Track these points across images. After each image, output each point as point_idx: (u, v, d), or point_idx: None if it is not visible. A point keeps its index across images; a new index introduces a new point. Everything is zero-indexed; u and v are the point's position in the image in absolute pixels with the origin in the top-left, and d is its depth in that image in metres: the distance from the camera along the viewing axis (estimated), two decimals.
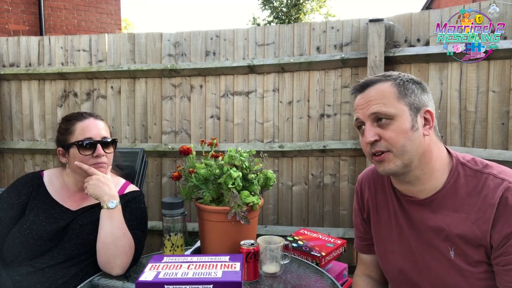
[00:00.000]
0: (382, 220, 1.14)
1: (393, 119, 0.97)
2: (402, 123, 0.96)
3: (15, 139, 3.27)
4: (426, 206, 1.02)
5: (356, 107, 1.05)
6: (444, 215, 0.99)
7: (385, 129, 0.97)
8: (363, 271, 1.27)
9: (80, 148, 1.33)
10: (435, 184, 1.01)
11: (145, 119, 3.05)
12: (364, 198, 1.21)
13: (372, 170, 1.20)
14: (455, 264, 0.97)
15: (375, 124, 0.99)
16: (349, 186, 2.77)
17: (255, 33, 2.88)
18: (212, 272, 0.97)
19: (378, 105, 0.98)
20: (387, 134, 0.97)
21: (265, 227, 2.87)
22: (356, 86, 1.06)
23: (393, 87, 0.99)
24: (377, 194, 1.16)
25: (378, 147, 0.99)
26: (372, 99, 1.00)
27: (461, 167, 1.01)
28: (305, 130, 2.83)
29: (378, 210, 1.16)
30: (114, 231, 1.26)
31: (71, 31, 7.14)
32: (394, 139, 0.96)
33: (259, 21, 18.43)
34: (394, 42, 2.61)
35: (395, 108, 0.97)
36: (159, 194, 3.06)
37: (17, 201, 1.34)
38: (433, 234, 1.01)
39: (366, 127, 1.00)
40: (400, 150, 0.97)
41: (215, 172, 1.26)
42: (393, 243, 1.10)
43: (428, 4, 15.51)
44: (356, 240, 1.29)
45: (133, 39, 3.05)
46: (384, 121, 0.97)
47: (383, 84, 1.01)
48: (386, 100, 0.98)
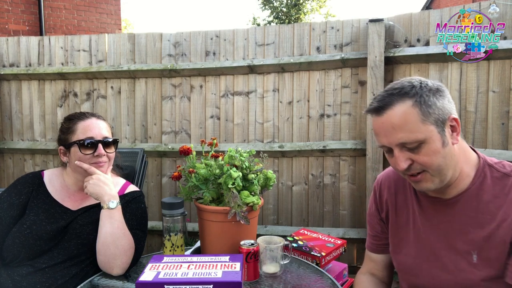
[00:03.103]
0: (400, 222, 1.12)
1: (423, 143, 0.92)
2: (432, 144, 0.92)
3: (15, 139, 3.27)
4: (450, 207, 1.00)
5: (377, 133, 0.99)
6: (468, 217, 0.97)
7: (417, 154, 0.93)
8: (369, 269, 1.25)
9: (82, 147, 1.34)
10: (460, 185, 0.99)
11: (145, 119, 3.05)
12: (383, 198, 1.18)
13: (392, 171, 1.18)
14: (476, 269, 0.94)
15: (404, 149, 0.94)
16: (349, 186, 2.77)
17: (255, 33, 2.88)
18: (212, 272, 0.97)
19: (404, 134, 0.92)
20: (420, 159, 0.93)
21: (265, 227, 2.87)
22: (370, 109, 0.99)
23: (415, 107, 0.92)
24: (397, 195, 1.14)
25: (413, 170, 0.95)
26: (395, 126, 0.93)
27: (488, 168, 0.99)
28: (305, 130, 2.83)
29: (396, 212, 1.14)
30: (114, 231, 1.26)
31: (71, 31, 7.14)
32: (428, 162, 0.93)
33: (259, 21, 18.43)
34: (394, 42, 2.62)
35: (422, 132, 0.91)
36: (159, 194, 3.06)
37: (17, 201, 1.34)
38: (456, 236, 0.98)
39: (396, 154, 0.95)
40: (436, 170, 0.93)
41: (215, 172, 1.26)
42: (410, 245, 1.08)
43: (428, 4, 15.51)
44: (369, 240, 1.26)
45: (133, 39, 3.05)
46: (413, 146, 0.93)
47: (402, 105, 0.93)
48: (411, 126, 0.91)
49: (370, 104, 1.00)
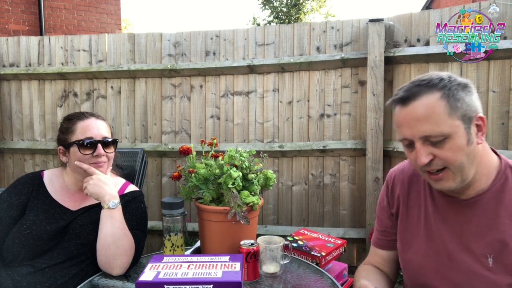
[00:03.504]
0: (411, 219, 1.09)
1: (447, 137, 0.88)
2: (457, 140, 0.89)
3: (15, 139, 3.27)
4: (468, 207, 0.97)
5: (400, 124, 0.95)
6: (487, 219, 0.94)
7: (440, 148, 0.89)
8: (372, 263, 1.21)
9: (81, 147, 1.33)
10: (479, 186, 0.96)
11: (145, 119, 3.05)
12: (395, 194, 1.14)
13: (407, 167, 1.14)
14: (490, 273, 0.91)
15: (427, 143, 0.91)
16: (349, 186, 2.77)
17: (255, 33, 2.88)
18: (212, 272, 0.97)
19: (429, 126, 0.89)
20: (443, 154, 0.89)
21: (265, 227, 2.87)
22: (395, 99, 0.95)
23: (442, 100, 0.89)
24: (410, 192, 1.10)
25: (434, 166, 0.91)
26: (420, 117, 0.90)
27: (510, 171, 0.96)
28: (305, 130, 2.83)
29: (408, 208, 1.10)
30: (115, 231, 1.26)
31: (71, 31, 7.14)
32: (451, 158, 0.89)
33: (259, 21, 18.43)
34: (394, 42, 2.61)
35: (448, 126, 0.88)
36: (159, 194, 3.06)
37: (17, 201, 1.34)
38: (472, 237, 0.95)
39: (417, 147, 0.91)
40: (458, 167, 0.90)
41: (215, 172, 1.26)
42: (420, 243, 1.05)
43: (428, 4, 15.51)
44: (376, 235, 1.22)
45: (133, 39, 3.05)
46: (437, 140, 0.89)
47: (429, 97, 0.90)
48: (438, 119, 0.88)
49: (395, 94, 0.96)
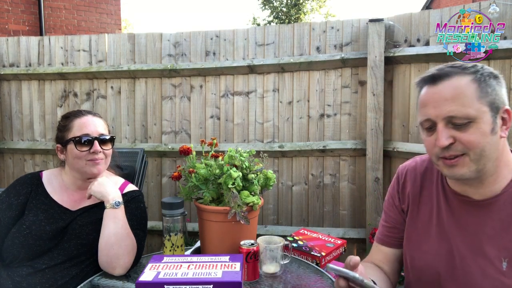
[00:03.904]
0: (422, 217, 1.06)
1: (472, 121, 0.86)
2: (482, 125, 0.86)
3: (15, 139, 3.27)
4: (483, 209, 0.94)
5: (425, 103, 0.92)
6: (502, 222, 0.91)
7: (463, 132, 0.87)
8: (373, 260, 1.17)
9: (77, 144, 1.33)
10: (495, 187, 0.93)
11: (145, 119, 3.05)
12: (406, 190, 1.11)
13: (418, 163, 1.12)
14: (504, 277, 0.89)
15: (449, 125, 0.88)
16: (349, 186, 2.77)
17: (255, 33, 2.88)
18: (212, 272, 0.96)
19: (456, 106, 0.86)
20: (465, 137, 0.86)
21: (265, 227, 2.87)
22: (425, 77, 0.93)
23: (473, 83, 0.87)
24: (422, 189, 1.07)
25: (452, 151, 0.88)
26: (448, 97, 0.88)
27: None
28: (305, 130, 2.83)
29: (419, 206, 1.07)
30: (118, 231, 1.26)
31: (71, 31, 7.14)
32: (473, 143, 0.86)
33: (259, 21, 18.44)
34: (394, 42, 2.61)
35: (475, 109, 0.86)
36: (159, 194, 3.06)
37: (16, 202, 1.34)
38: (486, 239, 0.93)
39: (439, 128, 0.89)
40: (478, 155, 0.87)
41: (215, 172, 1.26)
42: (431, 242, 1.02)
43: (428, 4, 15.51)
44: (382, 231, 1.17)
45: (133, 39, 3.05)
46: (461, 123, 0.87)
47: (460, 78, 0.88)
48: (466, 100, 0.86)
49: (425, 73, 0.94)
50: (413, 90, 2.56)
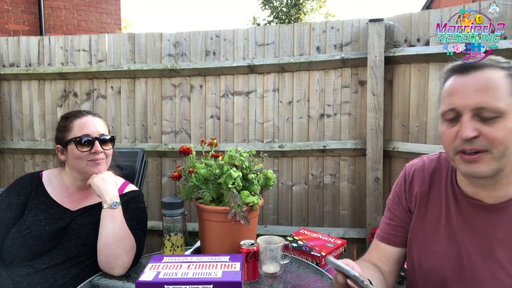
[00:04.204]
0: (430, 217, 1.03)
1: (501, 116, 0.83)
2: (509, 122, 0.83)
3: (15, 139, 3.27)
4: (494, 213, 0.92)
5: (452, 92, 0.88)
6: None
7: (489, 126, 0.83)
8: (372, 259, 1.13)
9: (78, 145, 1.33)
10: (508, 190, 0.91)
11: (145, 119, 3.05)
12: (413, 190, 1.08)
13: (426, 163, 1.09)
14: None
15: (476, 118, 0.84)
16: (349, 186, 2.77)
17: (255, 33, 2.88)
18: (212, 272, 0.96)
19: (487, 98, 0.83)
20: (492, 133, 0.83)
21: (265, 227, 2.87)
22: (456, 66, 0.90)
23: (507, 78, 0.85)
24: (431, 189, 1.05)
25: (475, 145, 0.84)
26: (479, 87, 0.84)
27: None
28: (305, 130, 2.83)
29: (427, 206, 1.04)
30: (116, 231, 1.26)
31: (71, 31, 7.14)
32: (498, 140, 0.83)
33: (259, 21, 18.43)
34: (394, 42, 2.61)
35: (506, 104, 0.82)
36: (159, 194, 3.06)
37: (16, 202, 1.34)
38: (497, 244, 0.90)
39: (465, 119, 0.84)
40: (501, 153, 0.84)
41: (215, 172, 1.26)
42: (439, 243, 0.99)
43: (428, 4, 15.51)
44: (386, 229, 1.14)
45: (133, 39, 3.05)
46: (489, 116, 0.83)
47: (493, 71, 0.86)
48: (498, 93, 0.83)
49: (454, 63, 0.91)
50: (413, 90, 2.56)
